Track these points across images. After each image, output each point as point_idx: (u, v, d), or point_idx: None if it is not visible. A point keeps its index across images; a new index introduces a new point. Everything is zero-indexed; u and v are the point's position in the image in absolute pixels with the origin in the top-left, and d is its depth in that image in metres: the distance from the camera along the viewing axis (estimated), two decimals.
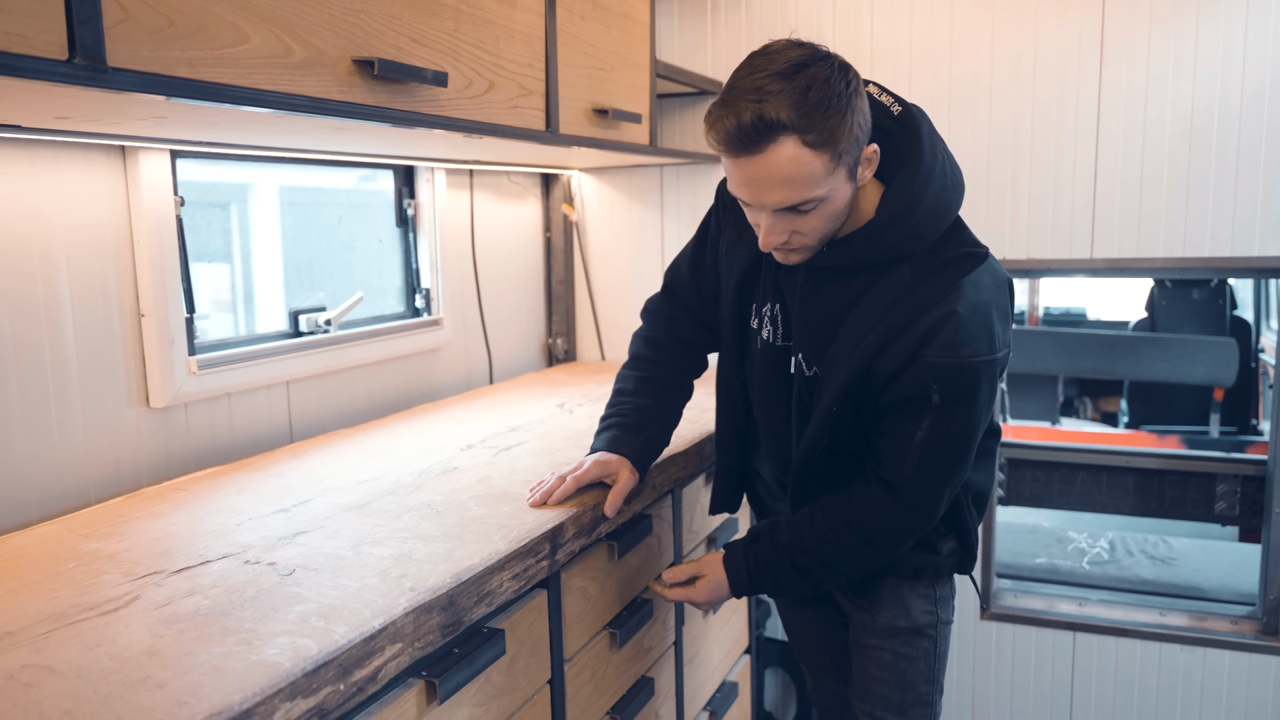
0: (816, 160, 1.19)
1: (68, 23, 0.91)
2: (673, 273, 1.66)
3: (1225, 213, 2.23)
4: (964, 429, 1.35)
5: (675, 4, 2.64)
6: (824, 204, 1.25)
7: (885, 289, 1.33)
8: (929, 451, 1.34)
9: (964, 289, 1.30)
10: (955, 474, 1.39)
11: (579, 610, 1.47)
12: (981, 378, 1.31)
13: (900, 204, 1.29)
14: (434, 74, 1.39)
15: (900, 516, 1.40)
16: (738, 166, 1.23)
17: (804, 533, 1.44)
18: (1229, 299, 4.73)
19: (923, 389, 1.31)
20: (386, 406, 2.20)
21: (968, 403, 1.32)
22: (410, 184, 2.31)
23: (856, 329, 1.34)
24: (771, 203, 1.24)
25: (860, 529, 1.41)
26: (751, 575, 1.49)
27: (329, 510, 1.41)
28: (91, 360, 1.54)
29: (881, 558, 1.45)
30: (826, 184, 1.22)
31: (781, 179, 1.20)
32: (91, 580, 1.15)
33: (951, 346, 1.28)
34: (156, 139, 1.52)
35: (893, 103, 1.34)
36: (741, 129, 1.17)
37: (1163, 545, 3.20)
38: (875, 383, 1.35)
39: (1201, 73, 2.21)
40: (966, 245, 1.34)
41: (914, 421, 1.33)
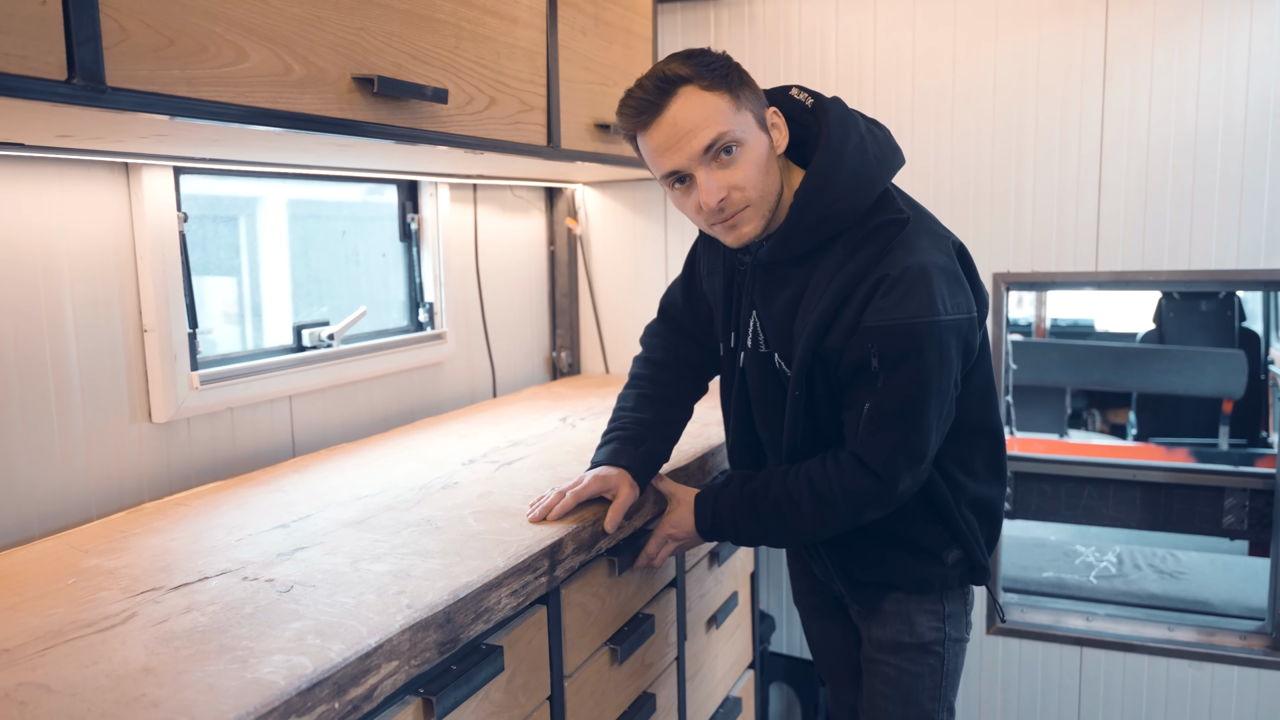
0: (719, 99, 1.29)
1: (67, 43, 0.92)
2: (668, 299, 1.71)
3: (1231, 225, 2.22)
4: (910, 392, 1.32)
5: (679, 19, 2.65)
6: (744, 150, 1.31)
7: (824, 269, 1.36)
8: (876, 416, 1.34)
9: (894, 252, 1.32)
10: (907, 440, 1.35)
11: (579, 626, 1.46)
12: (924, 339, 1.29)
13: (814, 183, 1.33)
14: (434, 91, 1.40)
15: (859, 481, 1.37)
16: (654, 134, 1.31)
17: (773, 485, 1.44)
18: (1238, 311, 4.71)
19: (864, 356, 1.32)
20: (389, 420, 2.21)
21: (911, 365, 1.31)
22: (414, 198, 2.31)
23: (805, 312, 1.38)
24: (695, 147, 1.29)
25: (821, 487, 1.39)
26: (716, 514, 1.49)
27: (329, 526, 1.41)
28: (94, 375, 1.55)
29: (839, 521, 1.42)
30: (736, 122, 1.29)
31: (692, 122, 1.28)
32: (90, 597, 1.15)
33: (885, 309, 1.29)
34: (159, 155, 1.53)
35: (807, 98, 1.40)
36: (644, 90, 1.30)
37: (1171, 559, 3.18)
38: (830, 361, 1.37)
39: (1205, 84, 2.20)
40: (891, 213, 1.35)
41: (864, 388, 1.35)
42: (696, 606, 1.93)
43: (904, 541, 1.49)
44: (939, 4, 2.39)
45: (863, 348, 1.31)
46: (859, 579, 1.53)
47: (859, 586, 1.54)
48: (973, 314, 1.37)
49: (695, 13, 2.63)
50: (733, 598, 2.13)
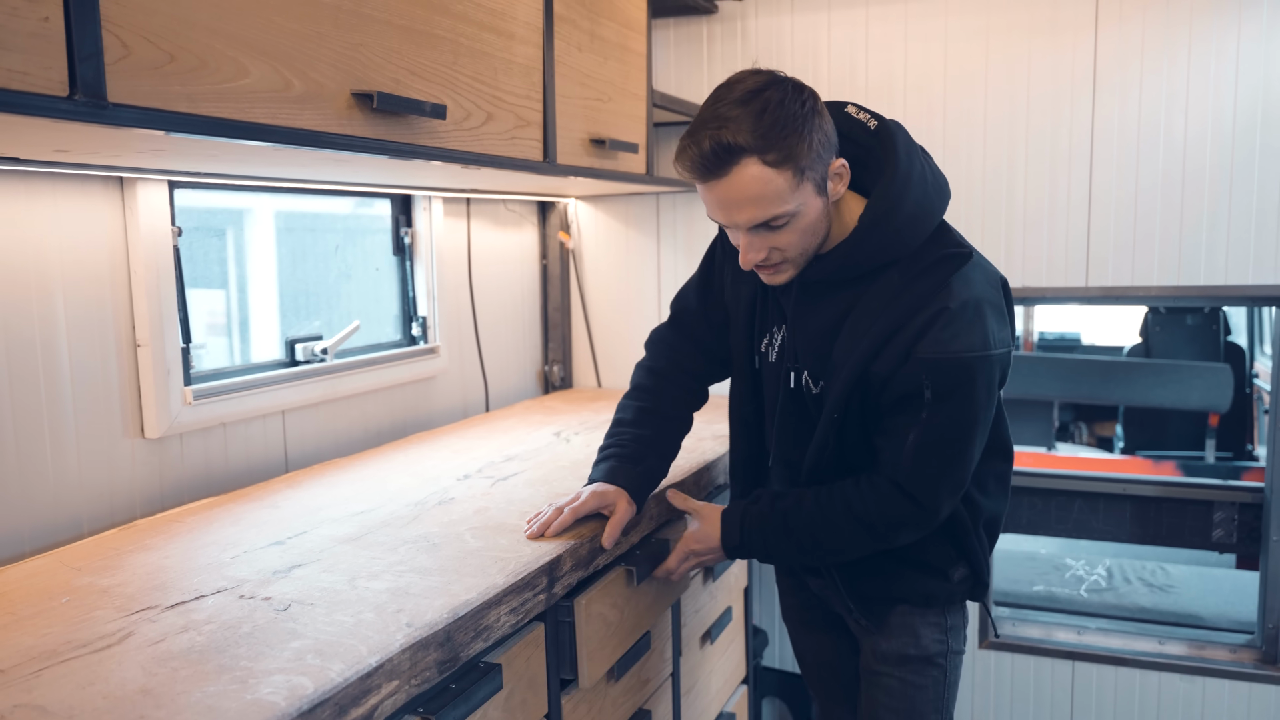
0: (779, 178, 1.25)
1: (69, 59, 0.92)
2: (680, 302, 1.68)
3: (1219, 241, 2.24)
4: (959, 424, 1.35)
5: (671, 34, 2.66)
6: (796, 219, 1.30)
7: (876, 295, 1.36)
8: (924, 446, 1.35)
9: (952, 286, 1.32)
10: (954, 470, 1.38)
11: (600, 637, 1.46)
12: (975, 373, 1.32)
13: (879, 210, 1.33)
14: (432, 106, 1.40)
15: (900, 507, 1.39)
16: (708, 190, 1.30)
17: (805, 503, 1.44)
18: (1223, 325, 4.75)
19: (915, 385, 1.33)
20: (382, 435, 2.20)
21: (961, 397, 1.33)
22: (408, 212, 2.31)
23: (852, 336, 1.37)
24: (742, 221, 1.30)
25: (859, 511, 1.40)
26: (744, 531, 1.48)
27: (325, 543, 1.40)
28: (86, 391, 1.53)
29: (874, 543, 1.43)
30: (793, 199, 1.27)
31: (748, 198, 1.26)
32: (84, 616, 1.14)
33: (942, 342, 1.30)
34: (155, 170, 1.52)
35: (869, 119, 1.39)
36: (704, 156, 1.25)
37: (1160, 573, 3.19)
38: (874, 386, 1.36)
39: (1193, 102, 2.23)
40: (952, 246, 1.37)
41: (909, 417, 1.35)
42: (691, 622, 1.93)
43: (913, 559, 1.50)
44: (930, 21, 2.41)
45: (915, 378, 1.32)
46: (867, 593, 1.53)
47: (866, 601, 1.54)
48: (1010, 346, 1.40)
49: (689, 28, 2.65)
50: (727, 613, 2.12)
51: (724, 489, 2.02)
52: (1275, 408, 2.36)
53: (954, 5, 2.39)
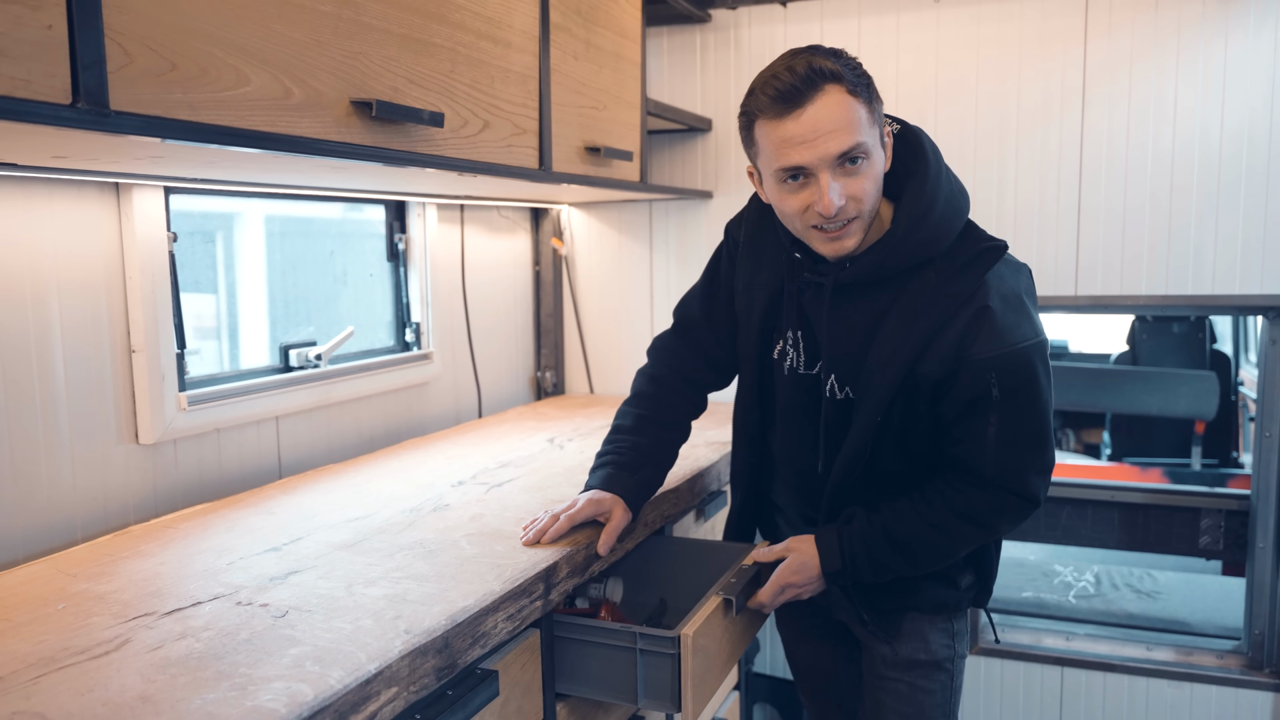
0: (860, 107, 1.28)
1: (72, 67, 0.92)
2: (683, 310, 1.67)
3: (1206, 251, 2.27)
4: (1033, 411, 1.37)
5: (665, 42, 2.68)
6: (869, 164, 1.31)
7: (913, 296, 1.36)
8: (1005, 441, 1.37)
9: (989, 283, 1.34)
10: (1040, 455, 1.40)
11: (701, 671, 1.42)
12: (1035, 361, 1.35)
13: (916, 208, 1.35)
14: (430, 114, 1.40)
15: (1000, 498, 1.41)
16: (792, 123, 1.28)
17: (903, 513, 1.43)
18: (1209, 333, 4.79)
19: (983, 387, 1.34)
20: (376, 441, 2.20)
21: (1028, 388, 1.35)
22: (402, 219, 2.31)
23: (892, 338, 1.37)
24: (831, 150, 1.28)
25: (963, 509, 1.41)
26: (845, 551, 1.45)
27: (321, 549, 1.41)
28: (81, 397, 1.53)
29: (983, 536, 1.45)
30: (869, 134, 1.30)
31: (834, 124, 1.27)
32: (81, 622, 1.14)
33: (995, 338, 1.32)
34: (151, 175, 1.52)
35: (891, 123, 1.41)
36: (795, 80, 1.26)
37: (1148, 579, 3.21)
38: (922, 389, 1.37)
39: (1181, 114, 2.26)
40: (984, 241, 1.39)
41: (982, 420, 1.36)
42: None
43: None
44: (921, 33, 2.43)
45: (980, 380, 1.33)
46: (881, 605, 1.53)
47: (881, 613, 1.54)
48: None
49: (682, 36, 2.66)
50: None
51: (716, 495, 2.03)
52: (1261, 416, 2.38)
53: (945, 17, 2.41)
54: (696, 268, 2.71)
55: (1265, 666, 2.37)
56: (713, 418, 1.96)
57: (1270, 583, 2.37)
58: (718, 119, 2.66)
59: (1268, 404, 2.35)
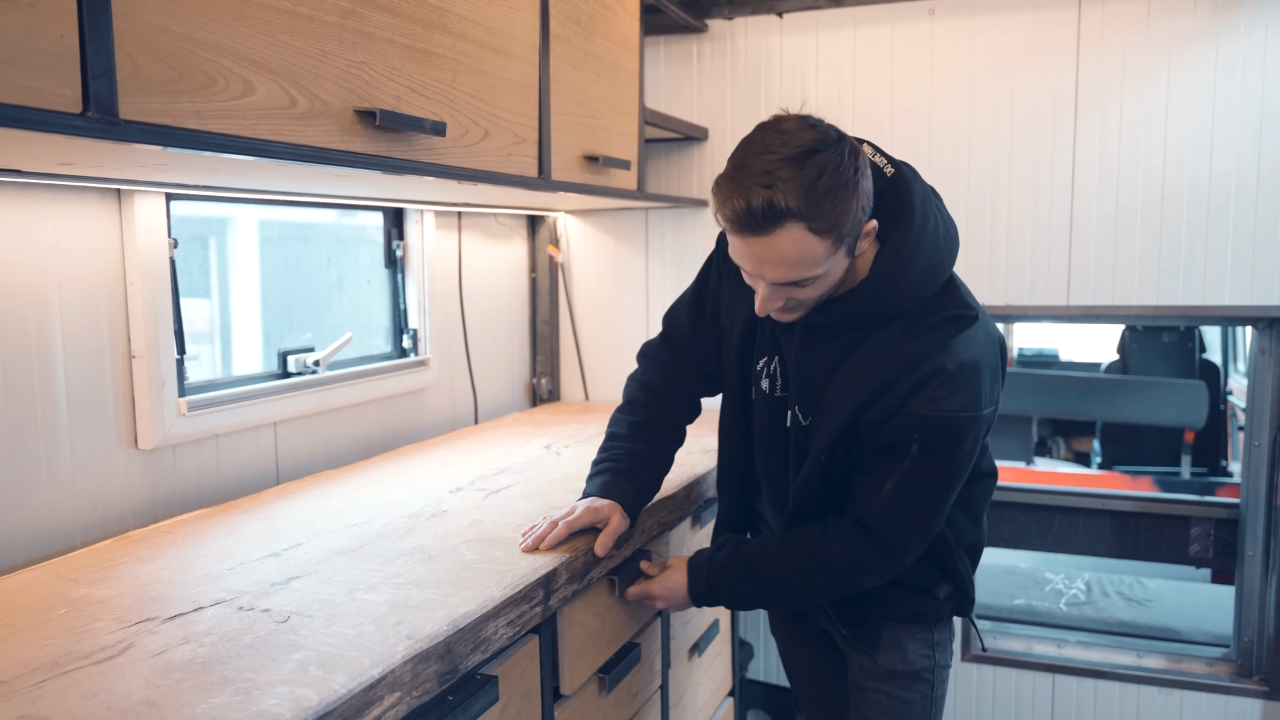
0: (820, 245, 1.23)
1: (82, 77, 0.93)
2: (671, 319, 1.68)
3: (1197, 262, 2.29)
4: (940, 478, 1.38)
5: (661, 52, 2.70)
6: (821, 279, 1.29)
7: (877, 344, 1.37)
8: (902, 494, 1.38)
9: (953, 347, 1.33)
10: (927, 520, 1.41)
11: (581, 646, 1.47)
12: (965, 432, 1.34)
13: (893, 267, 1.33)
14: (433, 124, 1.42)
15: (867, 553, 1.42)
16: (742, 243, 1.26)
17: (770, 552, 1.47)
18: (1198, 342, 4.83)
19: (905, 437, 1.35)
20: (373, 447, 2.20)
21: (948, 454, 1.36)
22: (399, 225, 2.32)
23: (848, 382, 1.38)
24: (772, 278, 1.29)
25: (826, 560, 1.43)
26: (711, 580, 1.51)
27: (321, 554, 1.41)
28: (81, 402, 1.53)
29: (840, 588, 1.47)
30: (826, 264, 1.27)
31: (784, 259, 1.25)
32: (83, 627, 1.14)
33: (936, 400, 1.32)
34: (153, 182, 1.53)
35: (885, 164, 1.37)
36: (751, 212, 1.20)
37: (1138, 587, 3.24)
38: (862, 431, 1.38)
39: (1173, 126, 2.28)
40: (958, 306, 1.37)
41: (892, 464, 1.37)
42: (680, 634, 1.94)
43: (899, 579, 1.51)
44: (916, 45, 2.46)
45: (906, 430, 1.34)
46: (854, 616, 1.55)
47: (856, 623, 1.56)
48: (998, 405, 1.42)
49: (679, 46, 2.68)
50: (714, 625, 2.14)
51: (712, 502, 2.04)
52: (1250, 426, 2.40)
53: (939, 29, 2.44)
54: (692, 275, 2.70)
55: (1254, 674, 2.40)
56: (707, 424, 1.97)
57: (1259, 591, 2.39)
58: (713, 128, 2.68)
59: (1257, 414, 2.37)
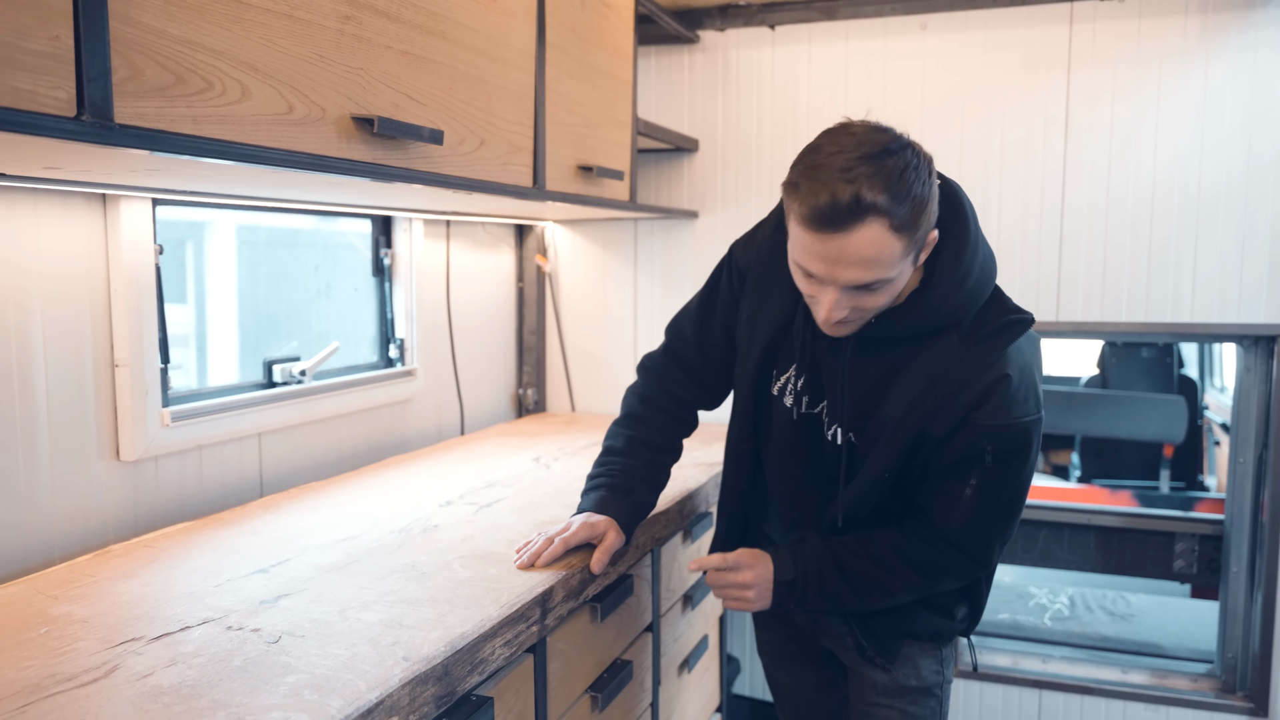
0: (898, 245, 1.20)
1: (77, 79, 0.90)
2: (675, 331, 1.64)
3: (1185, 279, 2.31)
4: (1015, 484, 1.38)
5: (653, 62, 2.68)
6: (888, 286, 1.26)
7: (933, 355, 1.35)
8: (980, 507, 1.38)
9: (1010, 354, 1.34)
10: (1006, 529, 1.42)
11: (561, 674, 1.44)
12: (1033, 436, 1.36)
13: (954, 275, 1.32)
14: (430, 132, 1.39)
15: (952, 558, 1.42)
16: (819, 242, 1.21)
17: (853, 546, 1.44)
18: (1176, 358, 4.87)
19: (976, 450, 1.34)
20: (358, 458, 2.16)
21: (1020, 461, 1.36)
22: (388, 233, 2.29)
23: (905, 395, 1.35)
24: (846, 280, 1.23)
25: (910, 558, 1.42)
26: (798, 564, 1.45)
27: (310, 571, 1.38)
28: (62, 411, 1.49)
29: (926, 586, 1.45)
30: (899, 266, 1.23)
31: (862, 259, 1.20)
32: (66, 648, 1.10)
33: (1004, 409, 1.32)
34: (139, 187, 1.49)
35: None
36: (836, 206, 1.17)
37: (1121, 601, 3.25)
38: (926, 446, 1.37)
39: (1162, 144, 2.30)
40: (1011, 312, 1.37)
41: (963, 480, 1.37)
42: (670, 651, 1.92)
43: (925, 600, 1.51)
44: (908, 60, 2.46)
45: (977, 444, 1.33)
46: (879, 631, 1.53)
47: (880, 639, 1.53)
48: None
49: (671, 57, 2.67)
50: (703, 641, 2.12)
51: (704, 517, 2.02)
52: (1235, 443, 2.42)
53: (931, 44, 2.44)
54: (681, 286, 2.72)
55: (1239, 690, 2.40)
56: (700, 439, 1.96)
57: (1244, 607, 2.40)
58: (704, 140, 2.67)
59: (1242, 431, 2.39)
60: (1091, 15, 2.32)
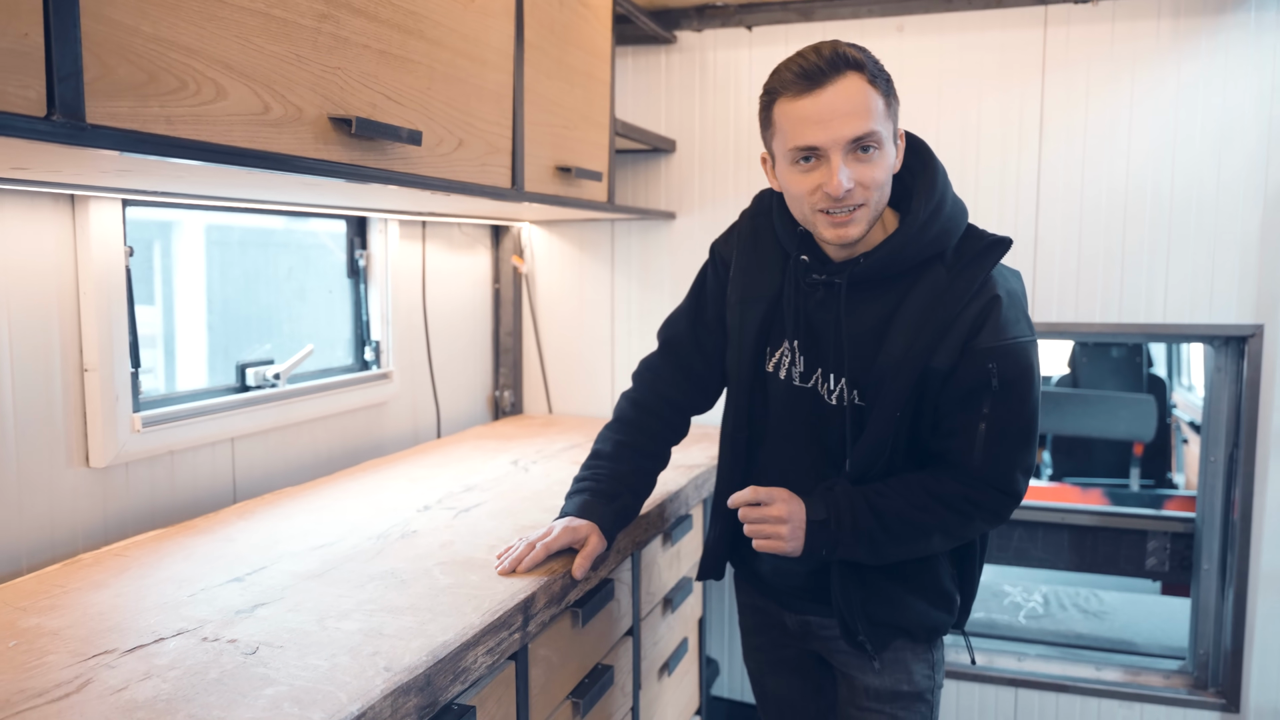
0: (878, 98, 1.31)
1: (47, 78, 0.87)
2: (669, 329, 1.65)
3: (1158, 280, 2.33)
4: (1025, 409, 1.38)
5: (630, 63, 2.67)
6: (880, 155, 1.32)
7: (924, 290, 1.38)
8: (996, 437, 1.37)
9: (994, 278, 1.38)
10: (1026, 456, 1.41)
11: (542, 681, 1.43)
12: (1031, 356, 1.38)
13: (930, 202, 1.38)
14: (409, 133, 1.37)
15: (982, 491, 1.40)
16: (808, 103, 1.30)
17: (883, 490, 1.41)
18: (1145, 357, 4.93)
19: (982, 377, 1.35)
20: (333, 462, 2.14)
21: (1025, 383, 1.37)
22: (363, 234, 2.26)
23: (903, 335, 1.37)
24: (843, 134, 1.29)
25: (942, 495, 1.40)
26: (830, 504, 1.41)
27: (287, 579, 1.35)
28: (29, 417, 1.46)
29: (958, 526, 1.41)
30: (884, 125, 1.32)
31: (851, 108, 1.29)
32: (36, 661, 1.07)
33: (1000, 329, 1.34)
34: (109, 187, 1.46)
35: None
36: (820, 59, 1.30)
37: (1094, 599, 3.28)
38: (931, 385, 1.38)
39: (1135, 146, 2.32)
40: (990, 236, 1.41)
41: (975, 412, 1.37)
42: (650, 654, 1.91)
43: (924, 586, 1.50)
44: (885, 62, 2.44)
45: (980, 370, 1.34)
46: (877, 618, 1.50)
47: (875, 626, 1.50)
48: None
49: (648, 57, 2.66)
50: (683, 644, 2.11)
51: (684, 519, 2.01)
52: (1206, 442, 2.45)
53: (908, 46, 2.45)
54: (658, 287, 2.72)
55: (1210, 686, 2.43)
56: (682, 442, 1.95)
57: (1215, 604, 2.43)
58: (681, 140, 2.66)
59: (1213, 430, 2.42)
60: (1065, 18, 2.34)
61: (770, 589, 1.62)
